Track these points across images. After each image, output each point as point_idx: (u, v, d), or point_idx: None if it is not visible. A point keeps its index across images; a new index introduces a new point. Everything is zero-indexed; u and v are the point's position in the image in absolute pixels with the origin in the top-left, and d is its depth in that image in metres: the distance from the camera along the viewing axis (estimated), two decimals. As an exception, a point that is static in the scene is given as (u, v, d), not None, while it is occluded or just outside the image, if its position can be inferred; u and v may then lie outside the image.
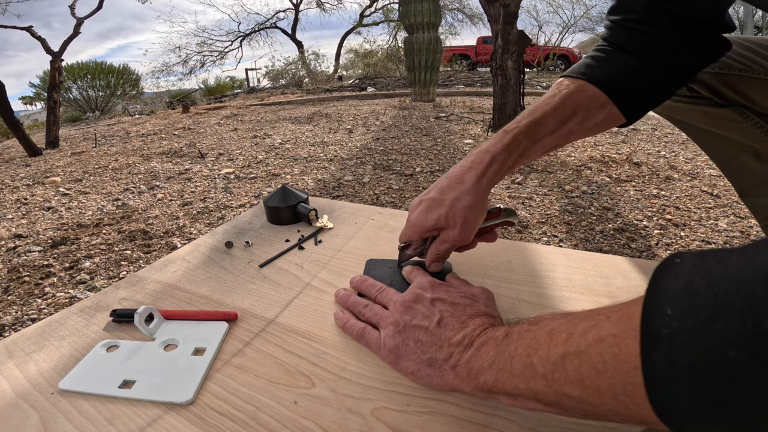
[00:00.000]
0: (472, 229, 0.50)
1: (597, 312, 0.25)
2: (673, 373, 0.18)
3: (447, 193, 0.50)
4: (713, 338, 0.17)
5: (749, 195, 0.77)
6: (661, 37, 0.50)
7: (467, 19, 14.02)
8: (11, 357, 0.44)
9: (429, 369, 0.37)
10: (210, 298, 0.53)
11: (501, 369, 0.31)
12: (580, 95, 0.50)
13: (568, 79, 0.53)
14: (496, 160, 0.49)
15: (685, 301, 0.19)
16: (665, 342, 0.19)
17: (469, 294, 0.44)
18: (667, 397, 0.19)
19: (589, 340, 0.24)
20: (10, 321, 1.03)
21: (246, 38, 14.96)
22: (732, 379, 0.16)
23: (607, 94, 0.50)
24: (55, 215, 1.80)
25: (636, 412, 0.21)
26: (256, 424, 0.35)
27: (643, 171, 1.97)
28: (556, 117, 0.50)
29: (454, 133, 3.01)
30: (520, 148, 0.50)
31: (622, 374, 0.21)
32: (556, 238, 1.33)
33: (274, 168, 2.34)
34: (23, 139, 3.27)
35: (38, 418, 0.36)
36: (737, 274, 0.17)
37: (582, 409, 0.25)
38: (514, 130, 0.50)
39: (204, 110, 5.65)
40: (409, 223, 0.53)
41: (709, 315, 0.17)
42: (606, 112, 0.51)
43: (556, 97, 0.51)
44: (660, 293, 0.20)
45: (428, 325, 0.39)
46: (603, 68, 0.51)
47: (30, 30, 4.12)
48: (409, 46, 4.78)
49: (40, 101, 13.13)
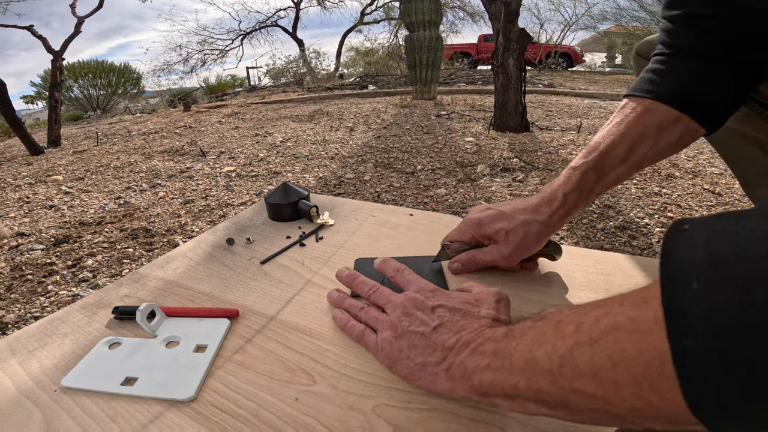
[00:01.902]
0: (523, 255, 0.51)
1: (608, 300, 0.23)
2: (711, 358, 0.16)
3: (519, 214, 0.50)
4: (758, 313, 0.14)
5: (752, 186, 0.76)
6: (725, 31, 0.45)
7: (468, 17, 13.99)
8: (14, 354, 0.44)
9: (420, 373, 0.36)
10: (211, 295, 0.53)
11: (499, 368, 0.29)
12: (649, 117, 0.48)
13: (633, 99, 0.50)
14: (568, 199, 0.50)
15: (712, 271, 0.16)
16: (698, 321, 0.16)
17: (472, 299, 0.42)
18: (704, 388, 0.16)
19: (602, 328, 0.22)
20: (13, 319, 1.04)
21: (247, 37, 14.94)
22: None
23: (679, 108, 0.47)
24: (57, 213, 1.81)
25: (664, 408, 0.18)
26: (258, 420, 0.35)
27: (645, 169, 1.96)
28: (625, 145, 0.48)
29: (456, 131, 3.00)
30: (589, 184, 0.50)
31: (644, 363, 0.19)
32: (557, 236, 1.33)
33: (276, 166, 2.34)
34: (25, 137, 3.28)
35: (41, 415, 0.37)
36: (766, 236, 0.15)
37: (595, 409, 0.23)
38: (582, 166, 0.50)
39: (205, 109, 5.65)
40: (469, 222, 0.53)
41: (746, 285, 0.15)
42: (681, 128, 0.48)
43: (623, 124, 0.49)
44: (679, 265, 0.18)
45: (424, 331, 0.38)
46: (668, 81, 0.48)
47: (31, 29, 4.12)
48: (410, 44, 4.77)
49: (42, 100, 13.15)
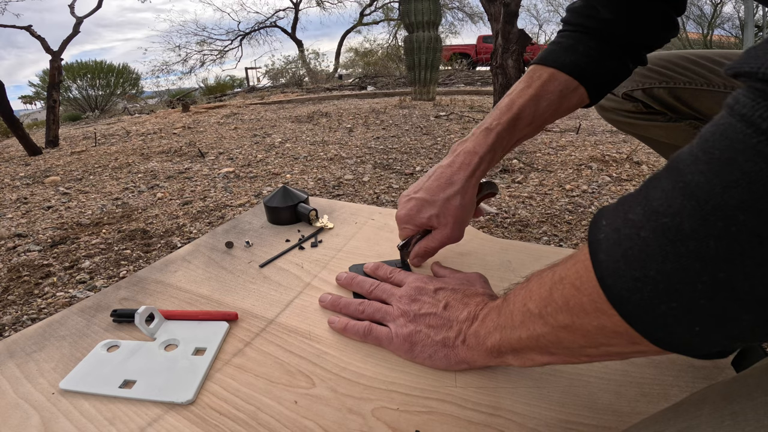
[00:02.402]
0: (463, 227, 0.53)
1: (577, 250, 0.28)
2: (613, 262, 0.23)
3: (437, 193, 0.51)
4: (629, 227, 0.22)
5: None
6: (619, 18, 0.51)
7: (467, 17, 14.02)
8: (12, 357, 0.44)
9: (444, 349, 0.39)
10: (210, 298, 0.53)
11: (504, 327, 0.34)
12: (554, 84, 0.52)
13: (539, 67, 0.53)
14: (483, 160, 0.52)
15: (613, 212, 0.24)
16: (603, 242, 0.23)
17: (465, 279, 0.48)
18: (615, 285, 0.22)
19: (568, 265, 0.27)
20: (10, 321, 1.03)
21: (246, 37, 14.94)
22: (648, 255, 0.20)
23: (578, 80, 0.52)
24: (54, 214, 1.80)
25: (608, 319, 0.24)
26: (257, 423, 0.35)
27: (644, 170, 1.97)
28: (533, 108, 0.52)
29: (455, 132, 3.01)
30: (503, 144, 0.53)
31: (590, 283, 0.24)
32: (556, 238, 1.33)
33: (274, 167, 2.34)
34: (23, 138, 3.26)
35: (39, 418, 0.36)
36: (639, 189, 0.23)
37: (581, 343, 0.27)
38: (496, 128, 0.52)
39: (204, 109, 5.65)
40: (402, 219, 0.54)
41: (625, 212, 0.23)
42: (577, 96, 0.53)
43: (531, 88, 0.52)
44: (596, 217, 0.26)
45: (436, 311, 0.42)
46: (570, 54, 0.52)
47: (29, 29, 4.11)
48: (409, 45, 4.77)
49: (40, 100, 13.12)
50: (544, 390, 0.37)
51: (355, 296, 0.51)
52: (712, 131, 0.19)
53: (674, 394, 0.36)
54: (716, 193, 0.18)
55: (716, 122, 0.19)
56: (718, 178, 0.18)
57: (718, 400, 0.22)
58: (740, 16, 7.54)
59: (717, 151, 0.19)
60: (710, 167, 0.19)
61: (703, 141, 0.20)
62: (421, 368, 0.41)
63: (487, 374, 0.39)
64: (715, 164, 0.18)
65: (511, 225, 1.42)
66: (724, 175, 0.18)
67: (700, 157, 0.19)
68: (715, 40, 12.65)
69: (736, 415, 0.20)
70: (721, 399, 0.22)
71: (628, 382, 0.37)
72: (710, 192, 0.18)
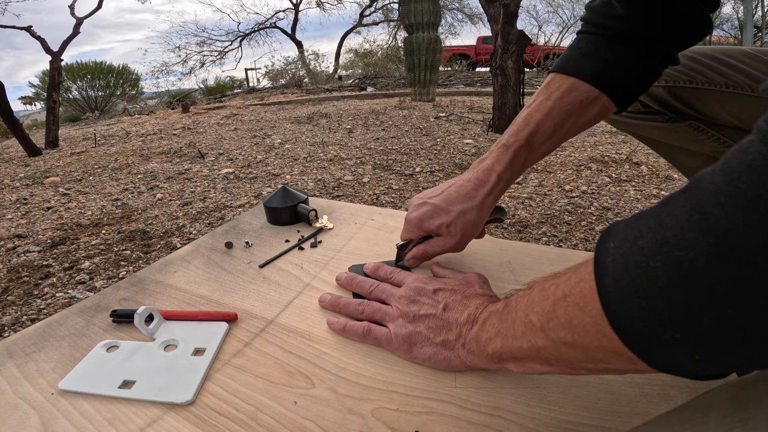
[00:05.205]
0: (468, 240, 0.53)
1: (581, 262, 0.27)
2: (618, 289, 0.22)
3: (454, 204, 0.51)
4: (639, 255, 0.21)
5: None
6: (644, 16, 0.47)
7: (467, 18, 14.03)
8: (11, 357, 0.44)
9: (445, 351, 0.39)
10: (210, 298, 0.53)
11: (506, 335, 0.33)
12: (572, 95, 0.49)
13: (558, 76, 0.51)
14: (502, 178, 0.51)
15: (622, 234, 0.23)
16: (610, 266, 0.23)
17: (464, 281, 0.48)
18: (619, 311, 0.22)
19: (572, 282, 0.27)
20: (10, 321, 1.03)
21: (245, 38, 14.94)
22: (657, 286, 0.20)
23: (600, 88, 0.49)
24: (54, 215, 1.80)
25: (609, 339, 0.23)
26: (256, 424, 0.35)
27: (643, 171, 1.97)
28: (552, 122, 0.50)
29: (454, 132, 3.01)
30: (521, 161, 0.51)
31: (594, 303, 0.24)
32: (556, 238, 1.33)
33: (274, 168, 2.34)
34: (23, 138, 3.26)
35: (38, 418, 0.36)
36: (652, 210, 0.22)
37: (580, 359, 0.27)
38: (514, 144, 0.51)
39: (204, 110, 5.65)
40: (410, 222, 0.53)
41: (635, 238, 0.22)
42: (599, 106, 0.50)
43: (550, 100, 0.50)
44: (603, 237, 0.25)
45: (435, 312, 0.41)
46: (592, 60, 0.49)
47: (30, 30, 4.11)
48: (408, 46, 4.77)
49: (40, 101, 13.12)
50: (543, 390, 0.37)
51: (355, 296, 0.51)
52: (739, 159, 0.17)
53: (674, 394, 0.36)
54: (736, 233, 0.17)
55: (744, 148, 0.17)
56: (741, 215, 0.17)
57: (726, 406, 0.21)
58: (739, 17, 7.54)
59: (743, 184, 0.17)
60: (733, 201, 0.17)
61: (728, 169, 0.18)
62: (420, 368, 0.41)
63: (487, 375, 0.39)
64: (740, 200, 0.17)
65: (510, 225, 1.42)
66: (748, 214, 0.16)
67: (722, 188, 0.18)
68: (714, 41, 12.65)
69: (745, 422, 0.19)
70: (730, 405, 0.21)
71: (628, 383, 0.37)
72: (729, 230, 0.17)
